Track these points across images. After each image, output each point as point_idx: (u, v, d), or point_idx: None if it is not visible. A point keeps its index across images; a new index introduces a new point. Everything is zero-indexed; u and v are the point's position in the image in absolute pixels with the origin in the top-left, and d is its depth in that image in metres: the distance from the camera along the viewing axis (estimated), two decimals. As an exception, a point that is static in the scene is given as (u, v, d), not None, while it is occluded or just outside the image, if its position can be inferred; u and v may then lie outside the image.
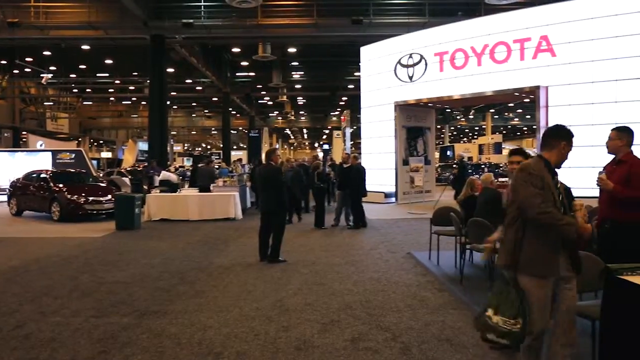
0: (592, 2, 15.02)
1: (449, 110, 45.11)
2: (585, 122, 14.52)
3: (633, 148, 5.03)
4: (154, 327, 5.39)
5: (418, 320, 5.48)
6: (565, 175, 7.78)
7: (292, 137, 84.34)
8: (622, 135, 5.01)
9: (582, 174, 12.09)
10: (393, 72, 19.56)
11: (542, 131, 15.54)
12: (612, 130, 5.15)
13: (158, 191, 16.14)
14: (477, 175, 14.58)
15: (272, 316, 5.74)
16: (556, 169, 3.69)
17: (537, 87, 15.53)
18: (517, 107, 48.03)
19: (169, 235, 12.10)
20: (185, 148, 71.26)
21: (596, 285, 3.91)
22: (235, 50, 30.72)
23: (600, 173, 4.90)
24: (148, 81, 27.52)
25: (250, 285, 7.17)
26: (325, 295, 6.60)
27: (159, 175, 18.16)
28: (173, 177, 18.53)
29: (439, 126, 53.41)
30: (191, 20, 21.15)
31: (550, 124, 15.76)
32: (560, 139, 3.65)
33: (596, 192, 5.18)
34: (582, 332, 4.23)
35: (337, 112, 52.49)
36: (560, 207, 3.51)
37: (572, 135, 3.68)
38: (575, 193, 7.82)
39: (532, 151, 28.92)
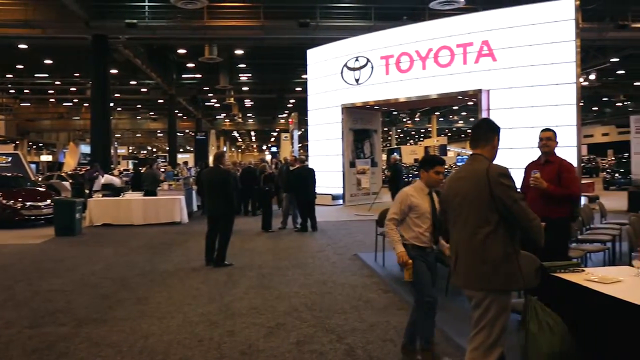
0: (530, 9, 15.56)
1: (396, 112, 45.76)
2: (525, 125, 15.00)
3: (562, 148, 5.30)
4: (93, 336, 5.22)
5: (363, 322, 5.52)
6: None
7: (240, 139, 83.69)
8: (555, 136, 5.27)
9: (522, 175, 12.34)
10: (340, 75, 19.70)
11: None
12: (549, 130, 5.36)
13: (100, 195, 15.68)
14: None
15: (217, 321, 5.65)
16: None
17: (480, 91, 15.97)
18: (461, 109, 49.25)
19: (111, 241, 11.77)
20: (130, 151, 69.61)
21: (533, 283, 4.02)
22: (181, 51, 30.20)
23: (534, 173, 5.06)
24: (90, 82, 26.72)
25: (195, 290, 7.05)
26: (272, 298, 6.56)
27: (102, 179, 17.63)
28: (116, 181, 18.06)
29: (385, 128, 54.14)
30: (135, 21, 20.65)
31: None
32: (494, 132, 3.41)
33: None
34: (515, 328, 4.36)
35: (285, 115, 52.42)
36: None
37: (499, 130, 3.47)
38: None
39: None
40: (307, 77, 22.10)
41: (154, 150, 79.28)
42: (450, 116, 56.11)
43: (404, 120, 54.45)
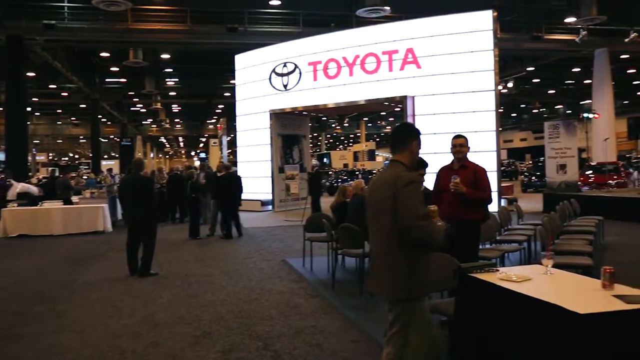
0: (452, 19, 16.18)
1: (325, 118, 46.19)
2: (448, 131, 15.47)
3: (483, 153, 5.55)
4: (4, 354, 4.93)
5: (290, 327, 5.51)
6: (428, 181, 8.17)
7: (167, 145, 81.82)
8: (466, 142, 5.48)
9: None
10: (268, 81, 19.67)
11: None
12: (461, 137, 5.55)
13: (15, 205, 14.88)
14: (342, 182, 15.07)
15: (141, 332, 5.49)
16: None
17: (405, 97, 16.39)
18: (389, 115, 50.27)
19: (27, 252, 11.20)
20: (50, 158, 66.47)
21: (450, 284, 4.16)
22: (105, 54, 29.20)
23: (454, 178, 5.22)
24: (4, 86, 25.33)
25: (118, 301, 6.81)
26: (198, 307, 6.44)
27: (17, 187, 16.71)
28: (33, 190, 17.17)
29: (315, 134, 54.54)
30: (53, 22, 19.77)
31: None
32: (411, 137, 3.40)
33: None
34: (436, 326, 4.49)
35: (214, 120, 51.73)
36: None
37: (419, 134, 3.44)
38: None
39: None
40: (235, 82, 21.93)
41: (77, 157, 76.13)
42: (379, 122, 57.17)
43: (333, 125, 54.99)
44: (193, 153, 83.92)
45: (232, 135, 35.59)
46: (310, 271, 8.24)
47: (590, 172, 21.32)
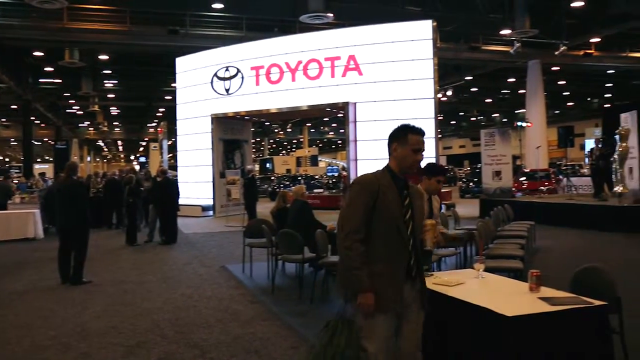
0: (393, 27, 16.48)
1: (268, 123, 46.05)
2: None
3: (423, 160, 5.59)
4: None
5: (228, 335, 5.43)
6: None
7: (105, 149, 79.47)
8: None
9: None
10: (210, 85, 19.42)
11: (351, 145, 16.65)
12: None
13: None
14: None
15: (71, 343, 5.27)
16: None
17: (347, 103, 16.54)
18: (331, 121, 50.67)
19: (-50, 260, 10.58)
20: (-22, 161, 63.31)
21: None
22: (38, 54, 28.06)
23: None
24: None
25: (47, 311, 6.53)
26: (133, 315, 6.25)
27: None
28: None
29: (258, 139, 54.30)
30: (-20, 18, 18.87)
31: (359, 138, 16.90)
32: (392, 140, 3.13)
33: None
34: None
35: (154, 124, 50.66)
36: (404, 228, 2.99)
37: (406, 133, 3.08)
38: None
39: (342, 163, 30.66)
40: (177, 85, 21.55)
41: (7, 160, 72.81)
42: (321, 127, 57.53)
43: (276, 130, 54.91)
44: (133, 157, 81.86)
45: (173, 140, 34.93)
46: (250, 277, 8.16)
47: (524, 178, 22.12)
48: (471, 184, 27.59)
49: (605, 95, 40.74)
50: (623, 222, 12.26)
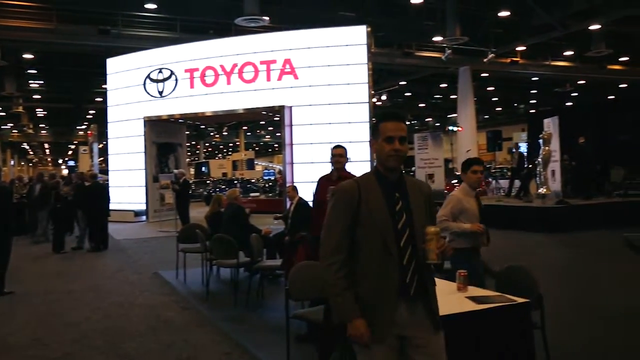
0: (328, 32, 16.63)
1: (203, 126, 45.36)
2: (324, 141, 15.86)
3: (357, 163, 5.63)
4: None
5: (160, 343, 5.31)
6: (305, 191, 8.24)
7: (31, 152, 75.99)
8: (345, 152, 5.53)
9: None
10: (143, 87, 18.95)
11: (287, 148, 16.65)
12: (340, 147, 5.61)
13: None
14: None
15: (-10, 358, 5.02)
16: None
17: (283, 107, 16.54)
18: (268, 124, 50.50)
19: None
20: None
21: (319, 292, 4.23)
22: (-45, 51, 26.52)
23: (331, 190, 4.88)
24: None
25: (-36, 325, 6.18)
26: (59, 326, 6.01)
27: None
28: None
29: (193, 142, 53.43)
30: None
31: (295, 142, 16.86)
32: (372, 137, 2.73)
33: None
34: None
35: (84, 126, 48.86)
36: (392, 239, 2.49)
37: (377, 123, 2.67)
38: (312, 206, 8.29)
39: (279, 166, 30.58)
40: (108, 87, 20.89)
41: None
42: (258, 130, 57.20)
43: (212, 134, 54.16)
44: (61, 161, 78.73)
45: (104, 143, 33.83)
46: (184, 283, 8.01)
47: (456, 181, 22.80)
48: (405, 186, 28.03)
49: (531, 102, 42.56)
50: (546, 222, 12.86)
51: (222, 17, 20.47)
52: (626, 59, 27.54)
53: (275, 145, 67.55)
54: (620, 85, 34.03)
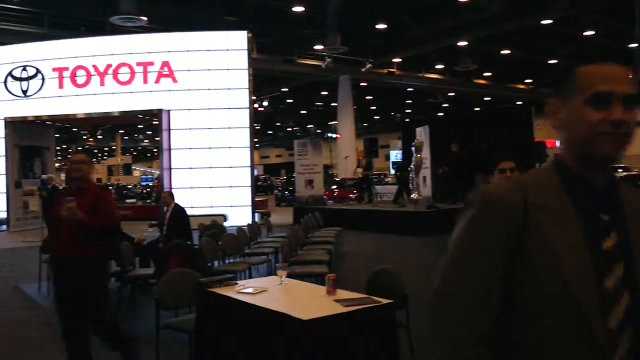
0: (209, 36, 16.43)
1: (75, 129, 42.78)
2: (204, 146, 15.63)
3: (238, 168, 5.55)
4: None
5: (15, 363, 4.89)
6: (183, 197, 8.10)
7: None
8: (89, 160, 4.57)
9: (201, 194, 12.86)
10: (3, 85, 17.49)
11: (165, 153, 16.16)
12: (80, 153, 5.19)
13: None
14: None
15: None
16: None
17: (161, 110, 16.05)
18: (147, 128, 48.72)
19: None
20: None
21: (191, 300, 4.14)
22: None
23: (68, 201, 3.86)
24: None
25: None
26: None
27: None
28: None
29: (64, 146, 50.22)
30: None
31: (173, 147, 16.48)
32: (555, 94, 1.33)
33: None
34: (181, 345, 4.44)
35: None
36: (600, 309, 1.16)
37: (572, 67, 1.26)
38: (189, 213, 8.14)
39: (157, 172, 29.62)
40: (-38, 84, 19.02)
41: None
42: (136, 135, 55.01)
43: (85, 137, 51.24)
44: None
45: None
46: (47, 296, 7.44)
47: (335, 187, 23.39)
48: (286, 192, 28.37)
49: (406, 111, 44.74)
50: (419, 226, 13.53)
51: (95, 15, 19.44)
52: (489, 74, 29.88)
53: (155, 150, 65.34)
54: (485, 98, 36.84)
